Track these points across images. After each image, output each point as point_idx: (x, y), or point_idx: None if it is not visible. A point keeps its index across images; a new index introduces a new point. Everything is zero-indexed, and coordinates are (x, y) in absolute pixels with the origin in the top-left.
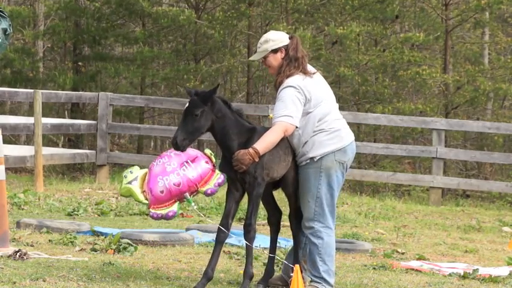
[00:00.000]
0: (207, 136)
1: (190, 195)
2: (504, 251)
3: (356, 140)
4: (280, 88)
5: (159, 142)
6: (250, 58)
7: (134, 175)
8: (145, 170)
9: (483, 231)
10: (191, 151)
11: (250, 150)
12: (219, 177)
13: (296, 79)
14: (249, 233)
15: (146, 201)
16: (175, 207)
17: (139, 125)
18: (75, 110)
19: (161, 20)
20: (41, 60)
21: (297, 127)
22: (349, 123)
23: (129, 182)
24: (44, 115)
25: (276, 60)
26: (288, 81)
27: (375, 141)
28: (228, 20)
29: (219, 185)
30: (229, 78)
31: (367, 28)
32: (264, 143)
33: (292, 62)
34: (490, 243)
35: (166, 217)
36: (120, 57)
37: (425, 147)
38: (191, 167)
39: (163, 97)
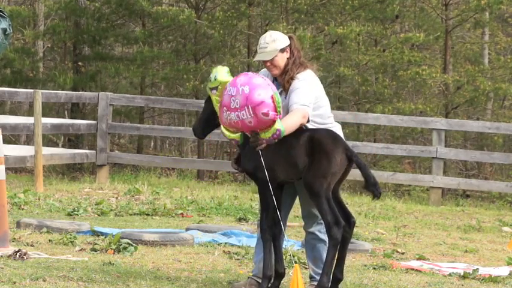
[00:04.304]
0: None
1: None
2: (504, 251)
3: (356, 140)
4: (295, 82)
5: (159, 142)
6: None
7: (217, 83)
8: (227, 80)
9: (483, 231)
10: (258, 95)
11: None
12: (275, 131)
13: (309, 74)
14: (259, 233)
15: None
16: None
17: (139, 125)
18: (75, 110)
19: (161, 20)
20: (41, 60)
21: (309, 119)
22: (349, 123)
23: (211, 89)
24: (44, 115)
25: (282, 60)
26: (302, 76)
27: (375, 141)
28: (228, 20)
29: (274, 138)
30: None
31: (367, 28)
32: (284, 123)
33: (297, 60)
34: (490, 243)
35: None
36: (120, 57)
37: (425, 147)
38: (250, 115)
39: (163, 97)
